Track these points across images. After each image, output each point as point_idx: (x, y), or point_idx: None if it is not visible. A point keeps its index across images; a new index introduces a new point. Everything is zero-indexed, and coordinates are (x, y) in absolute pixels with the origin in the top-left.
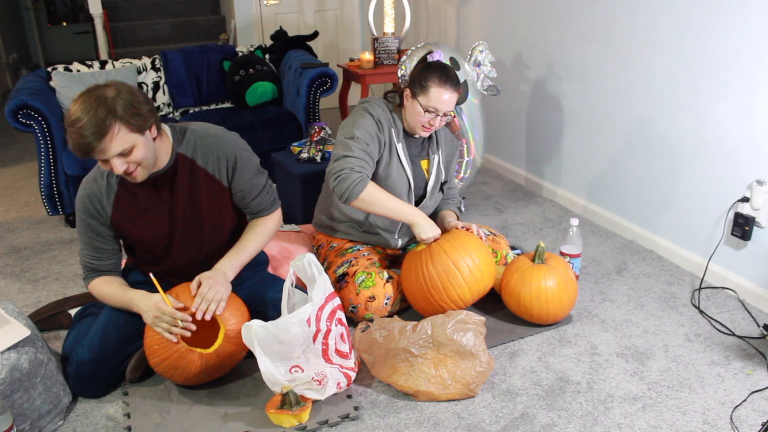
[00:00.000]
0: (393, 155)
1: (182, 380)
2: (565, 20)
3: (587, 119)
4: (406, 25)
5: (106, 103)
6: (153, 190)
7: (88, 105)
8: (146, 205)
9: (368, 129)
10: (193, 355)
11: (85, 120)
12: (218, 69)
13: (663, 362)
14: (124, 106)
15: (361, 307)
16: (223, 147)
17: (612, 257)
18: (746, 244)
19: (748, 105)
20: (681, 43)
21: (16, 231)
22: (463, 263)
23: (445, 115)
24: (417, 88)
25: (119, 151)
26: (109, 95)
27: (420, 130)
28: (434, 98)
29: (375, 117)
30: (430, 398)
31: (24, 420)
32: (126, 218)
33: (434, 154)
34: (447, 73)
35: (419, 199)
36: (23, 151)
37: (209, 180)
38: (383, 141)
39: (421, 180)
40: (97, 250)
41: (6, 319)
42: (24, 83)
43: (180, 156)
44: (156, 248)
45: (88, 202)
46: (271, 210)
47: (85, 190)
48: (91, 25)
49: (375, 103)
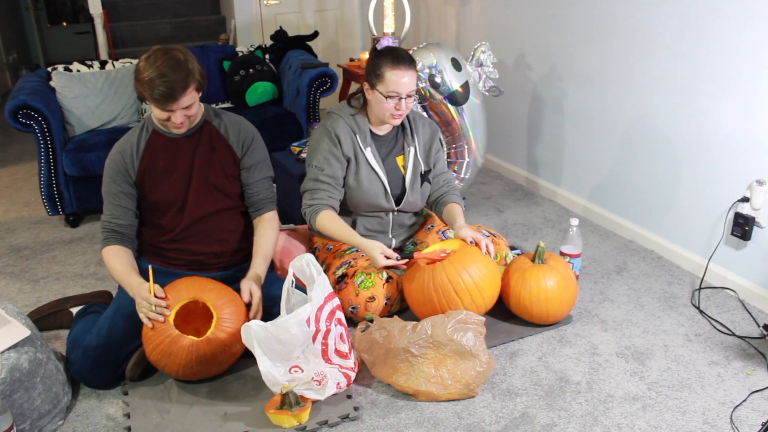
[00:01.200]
0: (361, 162)
1: (175, 369)
2: (566, 21)
3: (587, 120)
4: (406, 25)
5: (184, 64)
6: (176, 154)
7: (171, 63)
8: (169, 167)
9: (323, 152)
10: (184, 341)
11: (172, 76)
12: (218, 69)
13: (663, 362)
14: (194, 67)
15: (360, 308)
16: (245, 126)
17: (612, 257)
18: (746, 244)
19: (748, 105)
20: (681, 43)
21: (16, 231)
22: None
23: (408, 96)
24: (373, 79)
25: (188, 104)
26: (181, 57)
27: (390, 119)
28: (391, 81)
29: (332, 134)
30: (430, 398)
31: (24, 420)
32: (149, 177)
33: (409, 147)
34: (397, 54)
35: (399, 198)
36: (23, 151)
37: (227, 149)
38: (344, 155)
39: (397, 178)
40: (118, 208)
41: (6, 319)
42: (24, 83)
43: (207, 123)
44: (169, 211)
45: (120, 159)
46: (269, 207)
47: (118, 149)
48: (91, 25)
49: (336, 114)
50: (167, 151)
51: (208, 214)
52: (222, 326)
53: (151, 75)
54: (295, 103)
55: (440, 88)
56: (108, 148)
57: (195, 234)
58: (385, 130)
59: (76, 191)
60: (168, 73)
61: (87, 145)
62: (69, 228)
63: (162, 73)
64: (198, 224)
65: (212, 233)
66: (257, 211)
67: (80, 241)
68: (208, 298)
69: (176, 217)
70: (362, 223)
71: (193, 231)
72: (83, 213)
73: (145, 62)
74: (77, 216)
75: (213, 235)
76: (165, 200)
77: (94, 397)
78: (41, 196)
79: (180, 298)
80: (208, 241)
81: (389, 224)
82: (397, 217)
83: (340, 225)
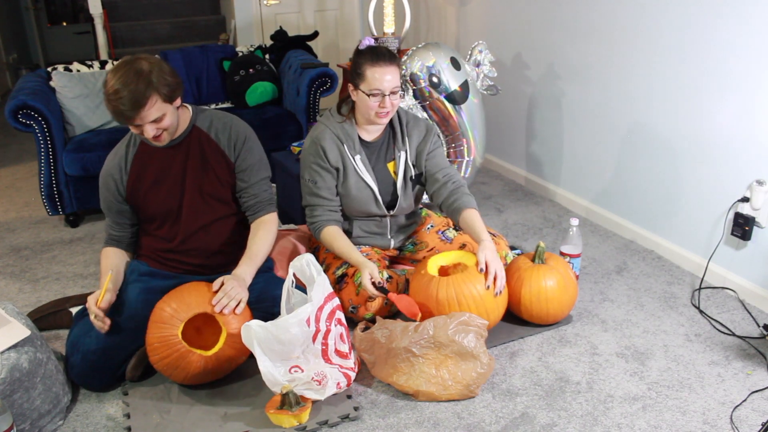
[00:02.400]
0: (349, 172)
1: (181, 379)
2: (565, 20)
3: (587, 119)
4: (406, 25)
5: (143, 75)
6: (166, 165)
7: (128, 78)
8: (159, 179)
9: (312, 166)
10: (192, 356)
11: (126, 92)
12: (218, 69)
13: (663, 362)
14: (159, 78)
15: (361, 308)
16: (236, 127)
17: (612, 257)
18: (746, 244)
19: (748, 105)
20: (681, 43)
21: (16, 231)
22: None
23: (393, 93)
24: (356, 78)
25: (153, 118)
26: (145, 68)
27: (376, 118)
28: (373, 79)
29: (317, 146)
30: (430, 398)
31: (24, 420)
32: (140, 191)
33: (400, 152)
34: (377, 51)
35: (392, 203)
36: (23, 151)
37: (219, 155)
38: (332, 166)
39: (389, 185)
40: (115, 222)
41: (6, 319)
42: (24, 83)
43: (196, 128)
44: (165, 223)
45: (109, 179)
46: (268, 209)
47: (106, 167)
48: (91, 25)
49: (323, 125)
50: (156, 162)
51: (205, 224)
52: (231, 342)
53: (110, 89)
54: (295, 103)
55: (439, 88)
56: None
57: (195, 247)
58: (375, 135)
59: (76, 191)
60: (124, 88)
61: (87, 145)
62: (69, 228)
63: (119, 89)
64: (197, 235)
65: (212, 245)
66: (255, 214)
67: (80, 241)
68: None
69: (173, 228)
70: (359, 226)
71: (192, 243)
72: (83, 213)
73: (111, 74)
74: (77, 216)
75: (213, 247)
76: (159, 212)
77: (94, 397)
78: (41, 196)
79: (189, 311)
80: (207, 254)
81: (387, 227)
82: (394, 220)
83: (341, 243)
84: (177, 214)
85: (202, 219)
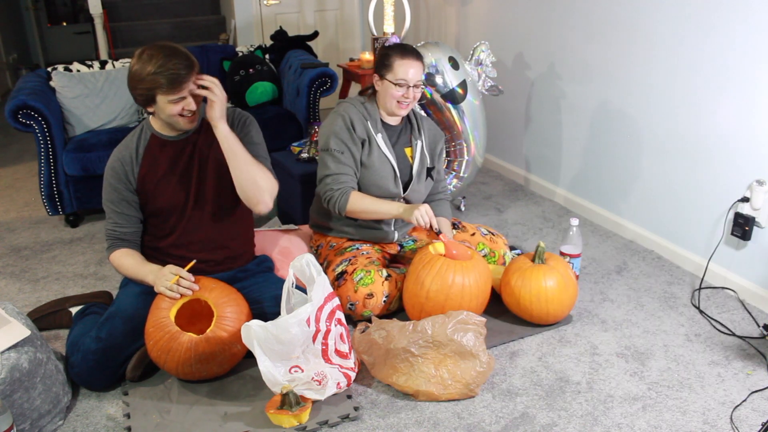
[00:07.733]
0: (373, 146)
1: (174, 366)
2: (566, 20)
3: (587, 119)
4: (406, 25)
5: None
6: (176, 156)
7: (166, 51)
8: (169, 171)
9: (339, 135)
10: (183, 337)
11: (175, 59)
12: (218, 69)
13: (663, 362)
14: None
15: (359, 305)
16: (239, 113)
17: (612, 257)
18: (746, 244)
19: (748, 105)
20: (681, 43)
21: (16, 231)
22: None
23: (416, 86)
24: (382, 69)
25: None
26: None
27: (396, 108)
28: (400, 70)
29: (346, 119)
30: (430, 398)
31: (24, 420)
32: (150, 183)
33: (417, 140)
34: (406, 47)
35: (406, 184)
36: (23, 151)
37: None
38: (359, 138)
39: (406, 166)
40: (121, 216)
41: (6, 319)
42: (24, 83)
43: (204, 121)
44: (172, 216)
45: (119, 166)
46: None
47: (116, 156)
48: (91, 25)
49: (347, 102)
50: (167, 154)
51: (211, 216)
52: (222, 324)
53: (156, 65)
54: (295, 103)
55: (439, 87)
56: (108, 148)
57: (198, 241)
58: (395, 122)
59: (76, 191)
60: (171, 56)
61: (87, 145)
62: (69, 228)
63: (164, 61)
64: (201, 228)
65: (215, 239)
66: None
67: (80, 241)
68: (209, 296)
69: (179, 221)
70: None
71: (196, 236)
72: (83, 213)
73: (140, 60)
74: (77, 216)
75: (216, 242)
76: (167, 205)
77: (94, 397)
78: (41, 196)
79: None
80: (209, 249)
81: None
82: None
83: (372, 199)
84: (184, 206)
85: (208, 211)
